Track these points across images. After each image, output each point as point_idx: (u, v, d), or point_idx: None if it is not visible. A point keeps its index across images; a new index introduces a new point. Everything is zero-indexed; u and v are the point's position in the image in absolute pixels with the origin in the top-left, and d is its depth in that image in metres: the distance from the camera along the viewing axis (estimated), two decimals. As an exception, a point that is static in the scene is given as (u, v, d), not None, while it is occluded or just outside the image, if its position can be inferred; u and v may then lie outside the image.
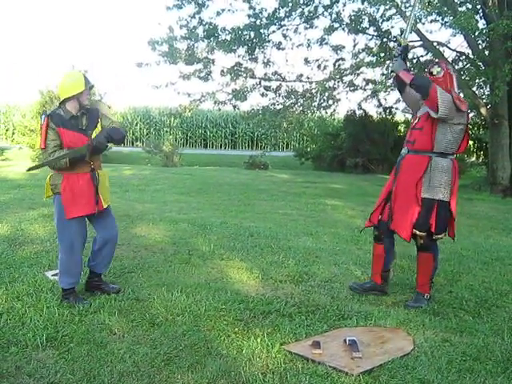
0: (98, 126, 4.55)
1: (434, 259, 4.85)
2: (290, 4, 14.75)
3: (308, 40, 15.89)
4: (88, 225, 4.74)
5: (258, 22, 15.19)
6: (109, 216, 4.75)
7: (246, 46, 15.53)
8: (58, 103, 4.63)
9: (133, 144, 31.44)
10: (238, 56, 15.77)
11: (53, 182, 4.50)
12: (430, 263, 4.83)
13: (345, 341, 3.85)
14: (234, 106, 16.95)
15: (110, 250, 4.81)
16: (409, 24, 5.29)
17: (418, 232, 4.70)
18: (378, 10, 14.90)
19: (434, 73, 4.74)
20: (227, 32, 15.10)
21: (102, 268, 4.86)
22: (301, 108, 17.37)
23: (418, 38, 15.10)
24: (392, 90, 16.75)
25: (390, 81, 16.72)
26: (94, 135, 4.48)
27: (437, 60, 5.74)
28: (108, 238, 4.72)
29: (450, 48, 15.83)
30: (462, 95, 17.31)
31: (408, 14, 13.92)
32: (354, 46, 16.09)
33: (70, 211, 4.45)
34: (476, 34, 13.53)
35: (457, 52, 15.90)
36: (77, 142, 4.41)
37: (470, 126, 21.12)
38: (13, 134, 28.92)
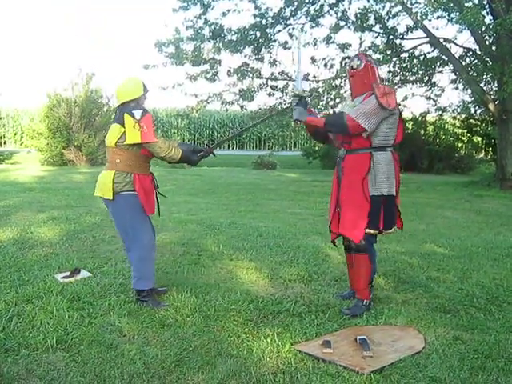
0: None
1: (371, 260, 4.57)
2: (296, 3, 14.75)
3: (314, 39, 15.84)
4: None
5: (263, 21, 15.21)
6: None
7: (252, 46, 15.56)
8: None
9: (141, 146, 31.50)
10: (245, 56, 15.80)
11: (121, 180, 4.38)
12: (366, 265, 4.53)
13: (355, 340, 3.83)
14: (242, 106, 16.94)
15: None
16: (298, 75, 4.75)
17: (371, 231, 4.45)
18: (384, 7, 14.88)
19: (354, 66, 4.54)
20: (233, 32, 15.15)
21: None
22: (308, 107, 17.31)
23: (425, 35, 15.04)
24: (399, 87, 16.67)
25: (397, 78, 16.69)
26: None
27: (356, 53, 5.36)
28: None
29: (456, 44, 15.80)
30: (468, 93, 17.28)
31: (414, 10, 13.88)
32: (361, 43, 16.03)
33: (148, 208, 4.50)
34: (483, 29, 13.48)
35: (464, 48, 15.85)
36: None
37: (479, 122, 21.01)
38: (21, 137, 29.15)
